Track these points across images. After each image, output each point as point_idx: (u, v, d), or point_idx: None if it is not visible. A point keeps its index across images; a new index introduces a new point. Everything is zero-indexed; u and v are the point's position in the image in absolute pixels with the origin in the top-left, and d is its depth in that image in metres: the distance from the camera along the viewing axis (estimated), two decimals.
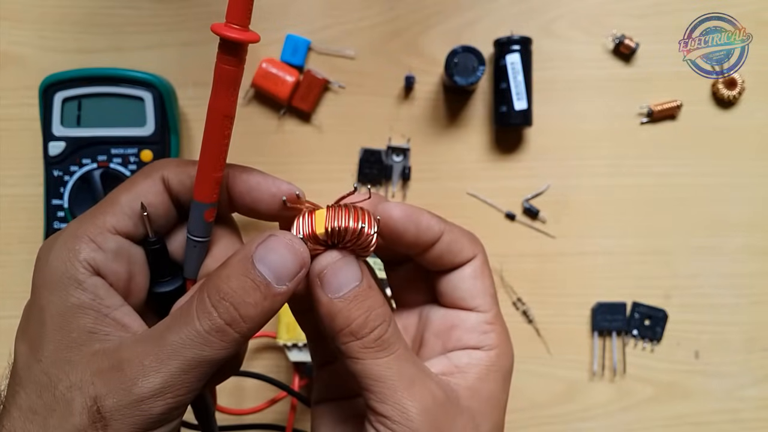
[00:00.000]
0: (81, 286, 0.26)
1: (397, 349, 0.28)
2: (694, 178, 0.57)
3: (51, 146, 0.51)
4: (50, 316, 0.26)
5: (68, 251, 0.27)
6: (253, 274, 0.25)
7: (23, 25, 0.56)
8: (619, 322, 0.56)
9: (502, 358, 0.31)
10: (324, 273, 0.27)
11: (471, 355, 0.31)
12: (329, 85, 0.56)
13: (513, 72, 0.54)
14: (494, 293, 0.33)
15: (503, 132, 0.57)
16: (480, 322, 0.32)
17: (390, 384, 0.27)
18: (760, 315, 0.57)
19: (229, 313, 0.25)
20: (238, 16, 0.24)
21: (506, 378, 0.32)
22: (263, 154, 0.57)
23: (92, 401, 0.25)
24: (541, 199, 0.57)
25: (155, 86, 0.52)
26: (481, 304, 0.32)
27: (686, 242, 0.57)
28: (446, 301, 0.33)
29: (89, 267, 0.26)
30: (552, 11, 0.57)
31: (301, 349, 0.52)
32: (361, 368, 0.27)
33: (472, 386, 0.30)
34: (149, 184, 0.28)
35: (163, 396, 0.25)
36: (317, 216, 0.28)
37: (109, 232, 0.27)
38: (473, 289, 0.32)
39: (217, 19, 0.25)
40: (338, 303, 0.27)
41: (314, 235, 0.28)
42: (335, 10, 0.57)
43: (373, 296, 0.28)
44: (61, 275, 0.26)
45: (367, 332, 0.27)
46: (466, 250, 0.32)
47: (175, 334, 0.25)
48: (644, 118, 0.57)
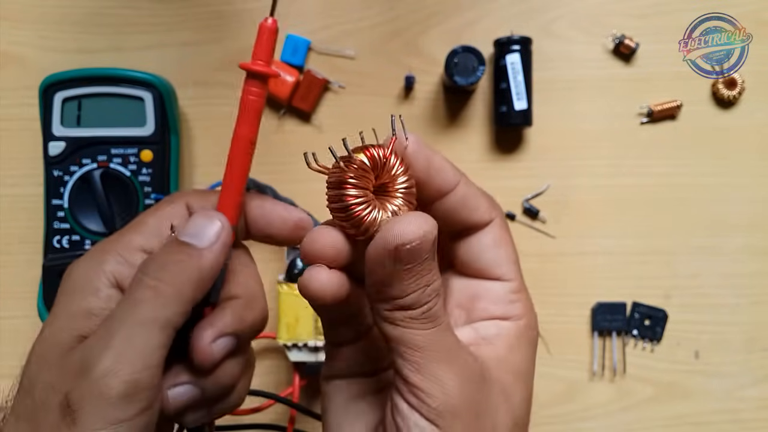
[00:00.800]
0: (96, 294, 0.27)
1: (442, 321, 0.26)
2: (694, 178, 0.57)
3: (51, 146, 0.51)
4: (53, 318, 0.27)
5: (94, 262, 0.28)
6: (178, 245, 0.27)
7: (23, 25, 0.56)
8: (619, 322, 0.56)
9: (530, 328, 0.31)
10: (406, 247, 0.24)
11: (499, 326, 0.30)
12: (329, 85, 0.56)
13: (513, 72, 0.54)
14: (517, 260, 0.32)
15: (503, 132, 0.57)
16: (506, 291, 0.31)
17: (428, 354, 0.26)
18: (760, 315, 0.57)
19: (160, 275, 0.26)
20: (263, 55, 0.29)
21: (534, 348, 0.31)
22: (263, 154, 0.56)
23: (63, 396, 0.25)
24: (541, 199, 0.57)
25: (155, 86, 0.52)
26: (506, 272, 0.31)
27: (686, 242, 0.57)
28: (467, 270, 0.31)
29: (111, 278, 0.28)
30: (552, 11, 0.57)
31: (301, 349, 0.52)
32: (400, 335, 0.26)
33: (501, 357, 0.29)
34: (174, 208, 0.30)
35: (118, 371, 0.25)
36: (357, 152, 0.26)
37: (136, 249, 0.28)
38: (496, 257, 0.31)
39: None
40: (404, 273, 0.25)
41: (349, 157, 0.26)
42: (335, 10, 0.57)
43: (433, 269, 0.26)
44: (81, 282, 0.28)
45: (418, 306, 0.26)
46: (483, 209, 0.30)
47: (120, 309, 0.27)
48: (644, 118, 0.57)
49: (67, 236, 0.51)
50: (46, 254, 0.51)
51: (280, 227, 0.31)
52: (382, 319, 0.26)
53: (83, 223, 0.51)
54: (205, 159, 0.57)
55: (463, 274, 0.32)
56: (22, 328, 0.55)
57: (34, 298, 0.51)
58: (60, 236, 0.51)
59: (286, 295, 0.52)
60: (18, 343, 0.55)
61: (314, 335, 0.51)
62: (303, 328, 0.51)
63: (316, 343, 0.51)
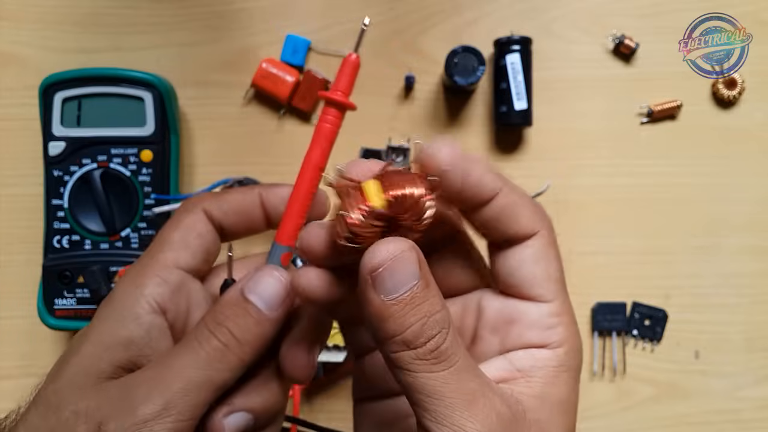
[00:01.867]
0: (138, 321, 0.27)
1: (457, 360, 0.24)
2: (694, 178, 0.57)
3: (51, 146, 0.51)
4: (91, 342, 0.27)
5: (134, 287, 0.28)
6: (245, 303, 0.27)
7: (23, 25, 0.56)
8: (619, 322, 0.56)
9: (572, 355, 0.27)
10: (379, 272, 0.23)
11: (535, 356, 0.27)
12: (329, 85, 0.56)
13: (513, 72, 0.54)
14: (561, 278, 0.28)
15: (503, 132, 0.57)
16: (544, 314, 0.27)
17: (448, 402, 0.23)
18: (760, 315, 0.57)
19: (226, 337, 0.27)
20: (343, 86, 0.30)
21: (576, 378, 0.27)
22: (263, 154, 0.57)
23: (96, 426, 0.25)
24: (541, 199, 0.57)
25: (155, 86, 0.52)
26: (545, 292, 0.27)
27: (686, 242, 0.57)
28: (503, 287, 0.28)
29: (152, 302, 0.28)
30: (552, 11, 0.57)
31: None
32: (413, 381, 0.24)
33: (539, 394, 0.26)
34: (194, 217, 0.30)
35: (165, 418, 0.25)
36: (367, 189, 0.24)
37: (171, 266, 0.29)
38: (534, 273, 0.27)
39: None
40: (392, 306, 0.23)
41: (371, 211, 0.24)
42: (335, 10, 0.57)
43: (432, 297, 0.24)
44: (121, 308, 0.27)
45: (422, 342, 0.24)
46: (526, 221, 0.27)
47: (177, 357, 0.26)
48: (644, 118, 0.57)
49: (67, 236, 0.51)
50: (46, 254, 0.51)
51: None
52: (392, 366, 0.24)
53: (83, 223, 0.51)
54: (205, 159, 0.57)
55: (501, 292, 0.28)
56: (22, 328, 0.55)
57: (34, 298, 0.51)
58: (60, 236, 0.51)
59: None
60: (18, 343, 0.56)
61: None
62: None
63: None
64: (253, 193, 0.30)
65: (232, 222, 0.31)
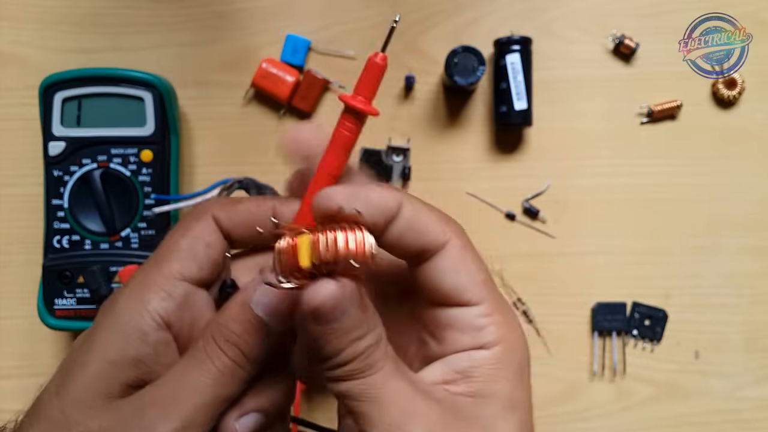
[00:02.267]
0: (145, 339, 0.27)
1: (383, 365, 0.25)
2: (694, 178, 0.57)
3: (51, 146, 0.51)
4: (97, 359, 0.26)
5: (137, 301, 0.27)
6: (250, 316, 0.27)
7: (23, 25, 0.56)
8: (619, 322, 0.56)
9: (510, 352, 0.27)
10: (320, 310, 0.24)
11: (472, 357, 0.27)
12: (329, 85, 0.56)
13: (513, 72, 0.54)
14: (486, 278, 0.28)
15: (503, 132, 0.57)
16: (474, 316, 0.27)
17: (377, 404, 0.24)
18: (760, 315, 0.57)
19: (236, 354, 0.27)
20: (366, 91, 0.27)
21: (520, 373, 0.27)
22: (263, 154, 0.57)
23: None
24: (541, 199, 0.57)
25: (155, 86, 0.52)
26: (471, 297, 0.27)
27: (686, 242, 0.57)
28: (433, 300, 0.28)
29: (158, 317, 0.27)
30: (552, 11, 0.57)
31: None
32: (344, 389, 0.25)
33: (478, 392, 0.26)
34: (203, 225, 0.29)
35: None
36: (300, 244, 0.25)
37: (177, 278, 0.28)
38: (456, 281, 0.27)
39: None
40: (330, 335, 0.25)
41: (300, 269, 0.25)
42: (335, 10, 0.57)
43: (367, 320, 0.25)
44: (126, 324, 0.27)
45: (352, 358, 0.25)
46: (433, 230, 0.27)
47: (189, 375, 0.26)
48: (644, 118, 0.57)
49: (67, 236, 0.51)
50: (46, 254, 0.51)
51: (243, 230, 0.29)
52: (329, 381, 0.26)
53: (83, 223, 0.51)
54: (205, 159, 0.57)
55: (431, 303, 0.28)
56: (22, 328, 0.55)
57: (34, 298, 0.51)
58: (60, 236, 0.51)
59: None
60: (18, 343, 0.56)
61: None
62: None
63: None
64: (266, 206, 0.29)
65: (242, 233, 0.29)
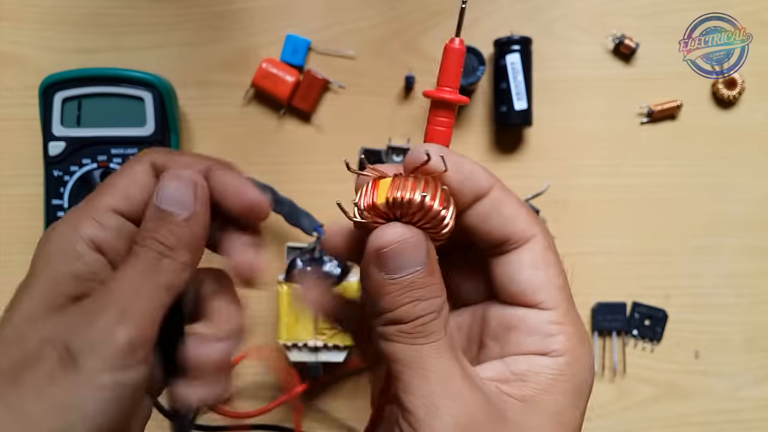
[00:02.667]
0: (81, 260, 0.27)
1: (439, 338, 0.24)
2: (694, 178, 0.57)
3: (51, 146, 0.51)
4: (40, 280, 0.27)
5: (70, 228, 0.28)
6: (161, 213, 0.28)
7: (23, 25, 0.56)
8: (619, 322, 0.56)
9: (574, 367, 0.26)
10: (385, 251, 0.24)
11: (533, 362, 0.26)
12: (329, 85, 0.56)
13: (513, 72, 0.54)
14: (563, 285, 0.27)
15: (503, 132, 0.57)
16: (544, 321, 0.26)
17: (422, 373, 0.24)
18: (760, 315, 0.57)
19: (157, 246, 0.27)
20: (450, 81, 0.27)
21: (579, 393, 0.26)
22: (263, 154, 0.57)
23: (62, 347, 0.25)
24: (541, 199, 0.57)
25: (155, 86, 0.52)
26: (546, 299, 0.26)
27: (686, 242, 0.57)
28: (504, 296, 0.27)
29: (91, 243, 0.28)
30: (552, 11, 0.57)
31: (301, 349, 0.52)
32: (393, 350, 0.24)
33: (529, 398, 0.25)
34: (140, 168, 0.29)
35: (124, 323, 0.26)
36: (380, 185, 0.25)
37: (109, 211, 0.28)
38: (533, 279, 0.26)
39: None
40: (390, 285, 0.24)
41: (374, 205, 0.25)
42: (335, 10, 0.57)
43: (431, 285, 0.25)
44: (60, 249, 0.28)
45: (410, 320, 0.24)
46: (523, 222, 0.26)
47: (122, 274, 0.27)
48: (644, 118, 0.57)
49: None
50: None
51: (233, 202, 0.29)
52: (378, 337, 0.25)
53: None
54: None
55: (501, 300, 0.28)
56: None
57: None
58: None
59: (285, 295, 0.52)
60: None
61: (314, 335, 0.51)
62: (303, 328, 0.51)
63: (316, 343, 0.51)
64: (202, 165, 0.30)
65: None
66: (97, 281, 0.28)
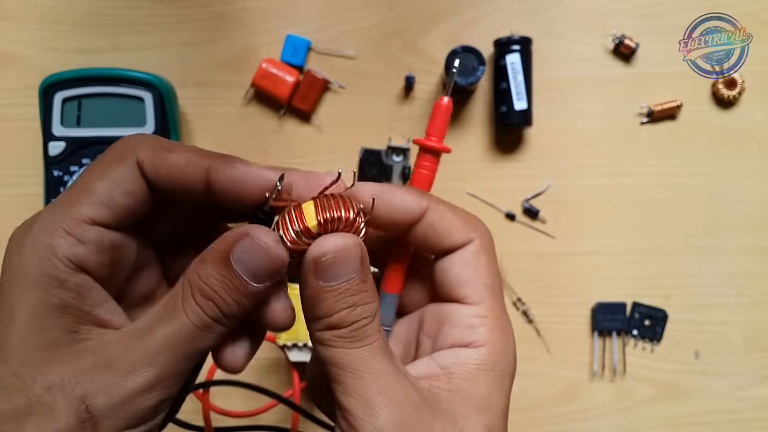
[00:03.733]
0: (63, 285, 0.25)
1: (374, 341, 0.26)
2: (693, 178, 0.57)
3: (51, 146, 0.51)
4: (23, 315, 0.25)
5: (45, 247, 0.25)
6: (231, 275, 0.25)
7: (23, 25, 0.56)
8: (619, 322, 0.56)
9: (495, 355, 0.27)
10: (323, 260, 0.25)
11: (457, 354, 0.27)
12: (329, 85, 0.56)
13: (513, 72, 0.54)
14: (492, 284, 0.29)
15: (503, 132, 0.57)
16: (468, 315, 0.28)
17: (358, 375, 0.25)
18: (760, 315, 0.57)
19: (213, 311, 0.26)
20: (436, 132, 0.30)
21: (502, 379, 0.28)
22: (263, 154, 0.57)
23: (79, 401, 0.23)
24: (541, 199, 0.57)
25: (155, 86, 0.52)
26: (471, 294, 0.28)
27: (686, 242, 0.57)
28: (439, 293, 0.29)
29: (70, 263, 0.25)
30: (552, 11, 0.57)
31: (301, 349, 0.52)
32: (330, 355, 0.26)
33: (456, 388, 0.27)
34: (126, 171, 0.26)
35: (156, 389, 0.25)
36: (305, 209, 0.26)
37: (87, 223, 0.25)
38: (462, 275, 0.28)
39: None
40: (326, 292, 0.25)
41: (307, 229, 0.26)
42: (335, 10, 0.57)
43: (364, 292, 0.26)
44: (38, 274, 0.25)
45: (345, 326, 0.25)
46: (458, 232, 0.28)
47: (164, 329, 0.25)
48: (644, 118, 0.57)
49: None
50: None
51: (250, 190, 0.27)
52: (315, 342, 0.26)
53: None
54: None
55: (437, 299, 0.30)
56: None
57: None
58: None
59: None
60: None
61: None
62: (303, 328, 0.51)
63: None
64: (200, 166, 0.26)
65: (168, 188, 0.27)
66: (89, 305, 0.25)
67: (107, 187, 0.26)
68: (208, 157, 0.27)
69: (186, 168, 0.26)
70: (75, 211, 0.25)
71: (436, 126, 0.30)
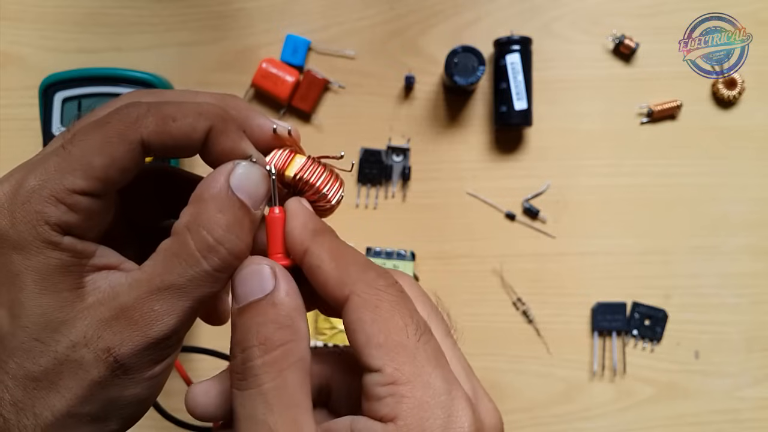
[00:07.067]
0: (59, 248, 0.25)
1: (262, 384, 0.23)
2: (694, 178, 0.57)
3: None
4: (30, 280, 0.25)
5: (35, 214, 0.25)
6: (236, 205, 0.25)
7: (23, 25, 0.56)
8: (619, 322, 0.56)
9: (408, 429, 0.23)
10: (234, 278, 0.24)
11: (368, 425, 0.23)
12: (329, 85, 0.56)
13: (513, 72, 0.54)
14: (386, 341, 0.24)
15: (503, 132, 0.57)
16: (372, 383, 0.23)
17: (240, 425, 0.23)
18: (760, 315, 0.57)
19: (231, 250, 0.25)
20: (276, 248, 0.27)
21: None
22: None
23: (106, 353, 0.24)
24: (541, 199, 0.57)
25: (155, 86, 0.52)
26: (368, 359, 0.23)
27: (686, 242, 0.57)
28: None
29: (60, 230, 0.25)
30: (552, 11, 0.57)
31: None
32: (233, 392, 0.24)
33: None
34: (127, 151, 0.25)
35: (178, 333, 0.25)
36: (295, 158, 0.28)
37: (78, 194, 0.25)
38: (353, 338, 0.24)
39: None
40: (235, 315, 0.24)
41: (282, 173, 0.27)
42: (335, 10, 0.57)
43: (272, 314, 0.24)
44: (32, 239, 0.25)
45: (237, 353, 0.23)
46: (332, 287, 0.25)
47: (181, 275, 0.25)
48: (644, 118, 0.57)
49: None
50: None
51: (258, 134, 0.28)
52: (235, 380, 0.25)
53: None
54: None
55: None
56: None
57: None
58: None
59: None
60: None
61: (314, 335, 0.51)
62: None
63: (316, 343, 0.51)
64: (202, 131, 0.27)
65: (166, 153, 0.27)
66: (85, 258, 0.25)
67: (105, 164, 0.25)
68: (210, 118, 0.27)
69: (191, 134, 0.26)
70: (69, 182, 0.25)
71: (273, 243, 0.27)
